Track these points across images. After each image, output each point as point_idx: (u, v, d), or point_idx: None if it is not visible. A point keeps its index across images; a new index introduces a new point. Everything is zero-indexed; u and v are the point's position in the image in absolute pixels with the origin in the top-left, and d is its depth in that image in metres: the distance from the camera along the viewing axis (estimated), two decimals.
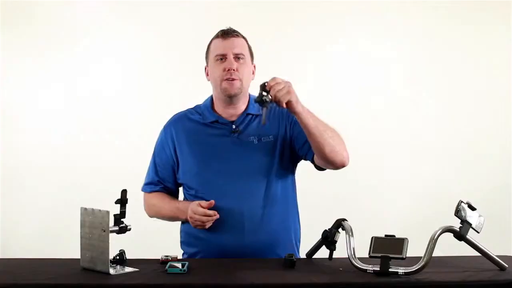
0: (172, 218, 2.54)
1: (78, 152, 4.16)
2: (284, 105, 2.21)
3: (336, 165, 2.37)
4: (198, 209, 2.34)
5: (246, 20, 4.03)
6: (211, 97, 2.55)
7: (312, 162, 2.45)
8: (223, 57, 2.44)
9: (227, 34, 2.46)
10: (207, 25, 4.03)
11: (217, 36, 2.49)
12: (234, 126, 2.46)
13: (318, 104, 4.09)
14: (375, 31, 4.20)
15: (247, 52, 2.49)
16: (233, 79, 2.42)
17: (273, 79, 2.22)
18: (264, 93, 2.19)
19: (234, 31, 2.49)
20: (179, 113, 2.59)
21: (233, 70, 2.41)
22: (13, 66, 4.20)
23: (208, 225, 2.35)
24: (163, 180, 2.55)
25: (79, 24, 4.18)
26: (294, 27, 4.19)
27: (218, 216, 2.34)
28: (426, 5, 4.18)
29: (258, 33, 4.06)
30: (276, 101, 2.21)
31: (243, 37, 2.51)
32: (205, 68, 2.54)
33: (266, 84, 2.20)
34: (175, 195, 2.58)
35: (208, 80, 2.52)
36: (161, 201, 2.53)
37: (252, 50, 2.53)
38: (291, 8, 4.17)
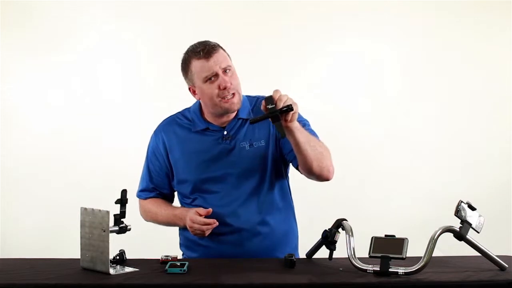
0: (169, 224, 2.52)
1: (78, 152, 4.16)
2: (289, 116, 2.13)
3: (321, 179, 2.35)
4: (196, 218, 2.33)
5: (246, 20, 4.05)
6: (199, 103, 2.50)
7: (297, 169, 2.42)
8: (212, 77, 2.36)
9: (208, 53, 2.35)
10: (208, 25, 4.05)
11: (197, 57, 2.37)
12: (225, 132, 2.44)
13: (318, 104, 4.13)
14: (375, 31, 4.20)
15: (230, 61, 2.42)
16: (233, 96, 2.37)
17: (276, 91, 2.15)
18: (271, 106, 2.11)
19: (213, 45, 2.38)
20: (167, 118, 2.56)
21: (229, 86, 2.35)
22: (13, 66, 4.20)
23: (207, 233, 2.34)
24: (158, 187, 2.53)
25: (79, 24, 4.18)
26: (294, 27, 4.19)
27: (217, 223, 2.32)
28: (426, 5, 4.18)
29: (258, 33, 4.11)
30: (284, 110, 2.11)
31: (220, 47, 2.41)
32: (190, 88, 2.45)
33: (271, 97, 2.12)
34: (170, 200, 2.57)
35: (198, 99, 2.46)
36: (157, 207, 2.51)
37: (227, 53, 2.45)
38: (291, 8, 4.17)
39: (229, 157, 2.42)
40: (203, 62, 2.36)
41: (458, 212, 2.05)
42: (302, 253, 2.40)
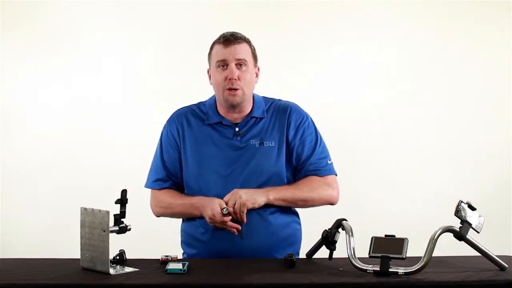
0: (184, 215, 2.49)
1: (78, 152, 4.16)
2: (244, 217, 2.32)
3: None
4: (217, 217, 2.32)
5: (246, 20, 4.05)
6: (215, 98, 2.52)
7: None
8: (224, 64, 2.41)
9: (228, 41, 2.41)
10: (208, 25, 4.05)
11: (218, 42, 2.44)
12: (237, 129, 2.46)
13: (318, 104, 4.12)
14: (375, 31, 4.20)
15: (250, 57, 2.45)
16: (235, 89, 2.39)
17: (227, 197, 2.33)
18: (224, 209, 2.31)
19: (236, 36, 2.43)
20: (182, 108, 2.56)
21: (235, 79, 2.39)
22: (13, 66, 4.20)
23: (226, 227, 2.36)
24: (172, 175, 2.50)
25: (79, 24, 4.18)
26: (294, 27, 4.19)
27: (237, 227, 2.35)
28: (426, 5, 4.18)
29: (258, 33, 4.09)
30: (238, 214, 2.31)
31: (246, 41, 2.46)
32: (208, 71, 2.51)
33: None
34: (183, 191, 2.53)
35: (211, 84, 2.50)
36: (171, 198, 2.48)
37: (255, 53, 2.49)
38: (291, 8, 4.17)
39: (238, 154, 2.43)
40: (221, 47, 2.42)
41: (458, 212, 2.05)
42: (302, 253, 2.40)
